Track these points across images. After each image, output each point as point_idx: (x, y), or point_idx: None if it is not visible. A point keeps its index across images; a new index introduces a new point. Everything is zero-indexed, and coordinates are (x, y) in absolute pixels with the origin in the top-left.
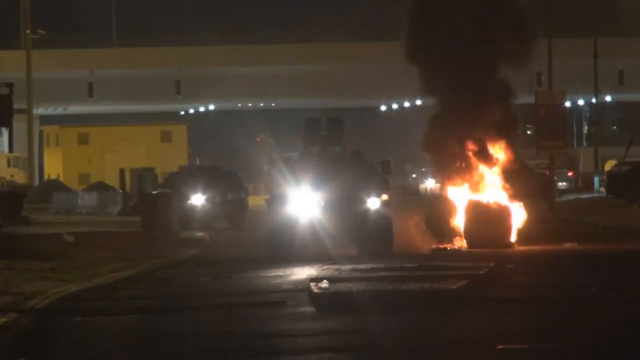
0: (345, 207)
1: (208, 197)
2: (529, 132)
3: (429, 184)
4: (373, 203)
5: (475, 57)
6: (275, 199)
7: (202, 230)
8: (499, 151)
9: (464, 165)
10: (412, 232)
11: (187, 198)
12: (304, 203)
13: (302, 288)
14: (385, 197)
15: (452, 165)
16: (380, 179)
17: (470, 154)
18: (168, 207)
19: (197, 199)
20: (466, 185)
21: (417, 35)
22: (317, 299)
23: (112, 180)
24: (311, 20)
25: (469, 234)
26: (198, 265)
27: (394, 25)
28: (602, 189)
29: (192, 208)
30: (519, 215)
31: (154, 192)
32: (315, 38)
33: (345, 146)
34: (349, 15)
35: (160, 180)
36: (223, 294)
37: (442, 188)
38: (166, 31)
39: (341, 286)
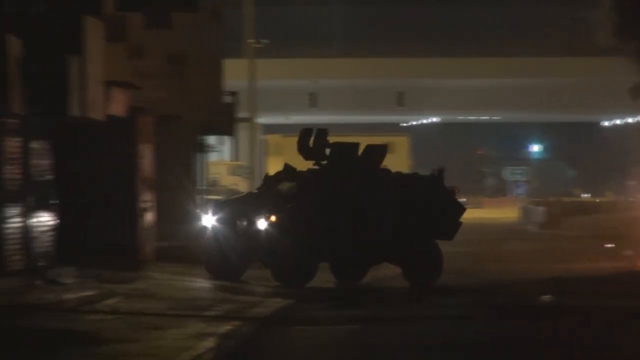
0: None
1: None
2: None
3: None
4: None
5: None
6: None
7: None
8: None
9: None
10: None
11: None
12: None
13: (520, 302)
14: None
15: None
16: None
17: None
18: None
19: None
20: None
21: None
22: (538, 313)
23: None
24: (535, 32)
25: None
26: None
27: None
28: None
29: None
30: None
31: None
32: (539, 52)
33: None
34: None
35: None
36: (437, 306)
37: None
38: (389, 41)
39: (564, 301)
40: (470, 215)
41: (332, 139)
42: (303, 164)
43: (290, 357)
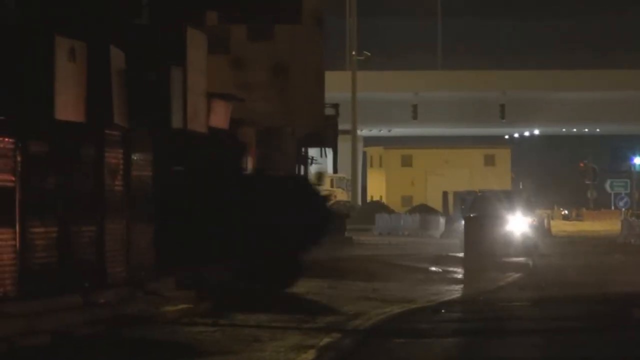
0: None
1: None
2: None
3: None
4: None
5: None
6: None
7: (521, 256)
8: None
9: None
10: None
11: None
12: None
13: (624, 314)
14: None
15: None
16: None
17: None
18: (491, 231)
19: (517, 224)
20: None
21: None
22: None
23: (435, 203)
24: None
25: None
26: (520, 289)
27: None
28: None
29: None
30: None
31: (476, 216)
32: None
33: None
34: None
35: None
36: (546, 319)
37: None
38: (492, 54)
39: None
40: (572, 227)
41: (432, 152)
42: (406, 178)
43: None
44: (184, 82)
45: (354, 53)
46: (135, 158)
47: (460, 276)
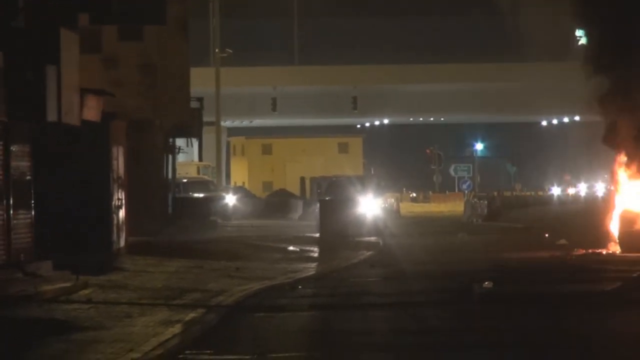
0: None
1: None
2: None
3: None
4: None
5: None
6: None
7: (372, 235)
8: None
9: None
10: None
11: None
12: None
13: (466, 288)
14: None
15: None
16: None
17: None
18: (345, 213)
19: (368, 206)
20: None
21: None
22: (481, 299)
23: (293, 188)
24: (476, 41)
25: (622, 239)
26: (371, 266)
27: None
28: None
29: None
30: None
31: (330, 199)
32: (482, 58)
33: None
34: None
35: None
36: (394, 294)
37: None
38: (344, 50)
39: (504, 287)
40: (420, 209)
41: (291, 141)
42: (267, 165)
43: (250, 341)
44: (58, 79)
45: (217, 50)
46: (14, 149)
47: (316, 255)
